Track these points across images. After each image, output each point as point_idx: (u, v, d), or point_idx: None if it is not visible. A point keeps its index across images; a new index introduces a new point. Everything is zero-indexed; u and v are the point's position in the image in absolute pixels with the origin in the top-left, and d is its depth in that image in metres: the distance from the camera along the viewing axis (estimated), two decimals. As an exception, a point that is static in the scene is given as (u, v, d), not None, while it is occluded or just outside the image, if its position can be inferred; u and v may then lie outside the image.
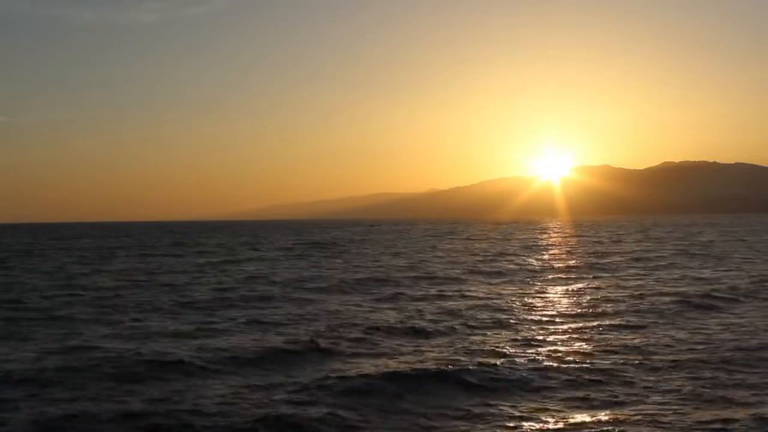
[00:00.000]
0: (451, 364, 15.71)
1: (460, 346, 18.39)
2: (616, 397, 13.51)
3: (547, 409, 12.83)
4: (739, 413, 12.37)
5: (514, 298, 28.20)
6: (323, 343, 18.13)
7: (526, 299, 28.00)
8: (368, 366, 16.08)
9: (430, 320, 22.23)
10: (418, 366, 15.75)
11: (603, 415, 12.33)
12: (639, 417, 12.19)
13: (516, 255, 57.11)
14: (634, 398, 13.40)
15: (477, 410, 12.83)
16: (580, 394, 13.73)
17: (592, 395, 13.62)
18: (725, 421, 11.94)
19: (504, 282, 35.04)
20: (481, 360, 16.29)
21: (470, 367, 15.36)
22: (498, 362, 16.05)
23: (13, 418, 12.52)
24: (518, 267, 44.09)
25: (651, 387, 14.14)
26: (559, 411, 12.71)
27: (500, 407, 12.98)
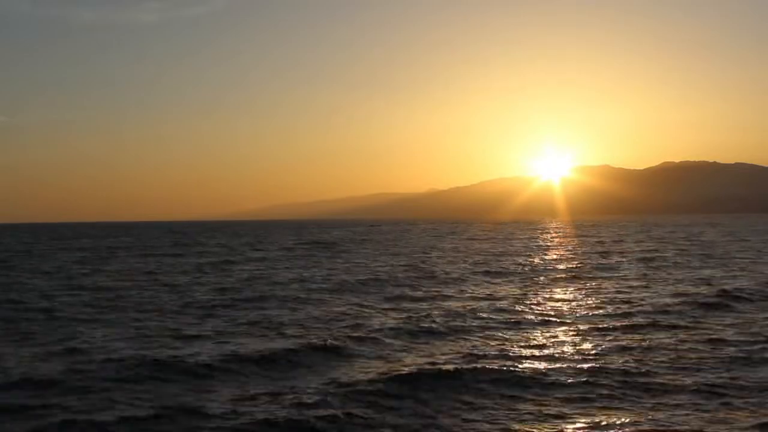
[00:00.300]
0: (457, 365, 15.54)
1: (465, 346, 18.21)
2: (621, 397, 13.35)
3: (551, 409, 12.69)
4: (741, 415, 12.26)
5: (518, 299, 28.01)
6: (329, 343, 17.91)
7: (530, 299, 27.81)
8: (375, 366, 15.90)
9: (435, 321, 22.01)
10: (425, 366, 15.58)
11: (607, 416, 12.20)
12: (644, 418, 12.05)
13: (518, 255, 56.93)
14: (639, 399, 13.24)
15: (485, 410, 12.67)
16: (585, 394, 13.58)
17: (597, 395, 13.47)
18: (728, 422, 11.82)
19: (508, 282, 34.86)
20: (487, 360, 16.14)
21: (477, 367, 15.19)
22: (504, 363, 15.89)
23: (14, 421, 12.32)
24: (521, 267, 43.91)
25: (655, 387, 13.96)
26: (564, 411, 12.58)
27: (508, 407, 12.82)
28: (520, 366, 15.65)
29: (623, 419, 11.98)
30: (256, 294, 29.64)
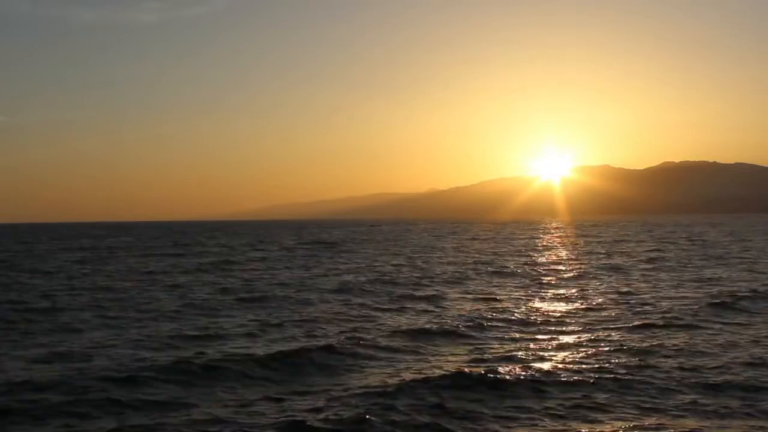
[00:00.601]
0: (466, 366, 15.28)
1: (472, 347, 17.92)
2: (627, 398, 13.09)
3: (558, 410, 12.43)
4: (742, 414, 12.13)
5: (524, 299, 27.71)
6: (334, 345, 17.53)
7: (536, 300, 27.50)
8: (382, 369, 15.61)
9: (442, 322, 21.72)
10: (434, 369, 15.35)
11: (612, 417, 11.99)
12: (648, 419, 11.85)
13: (522, 255, 56.68)
14: (645, 400, 12.99)
15: (493, 410, 12.41)
16: (590, 393, 13.36)
17: (602, 396, 13.20)
18: (731, 424, 11.67)
19: (512, 283, 34.52)
20: (494, 362, 15.87)
21: (486, 369, 14.91)
22: (511, 364, 15.62)
23: (14, 424, 12.07)
24: (526, 267, 43.54)
25: (661, 388, 13.70)
26: (570, 412, 12.34)
27: (516, 408, 12.55)
28: (527, 367, 15.36)
29: (628, 421, 11.77)
30: (259, 295, 29.30)
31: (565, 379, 14.40)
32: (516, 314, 23.43)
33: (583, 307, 25.18)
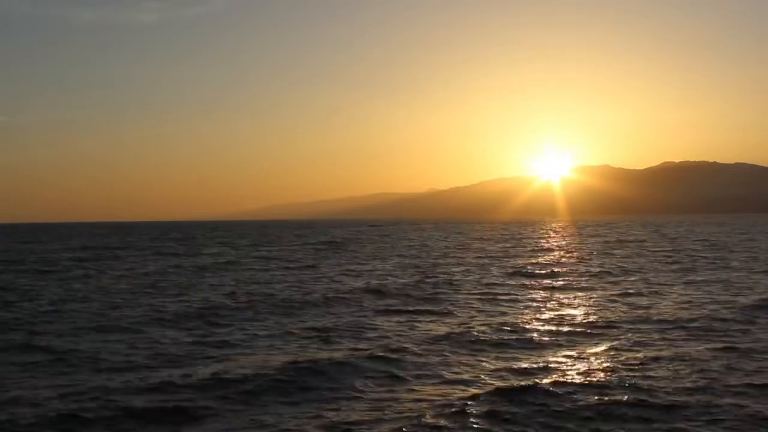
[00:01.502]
0: (498, 374, 14.38)
1: (500, 354, 16.90)
2: (662, 405, 12.27)
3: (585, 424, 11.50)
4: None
5: (551, 302, 26.63)
6: (355, 356, 16.32)
7: (564, 305, 26.17)
8: (407, 379, 14.56)
9: (466, 327, 20.69)
10: (466, 377, 14.41)
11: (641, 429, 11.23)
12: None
13: (535, 256, 55.85)
14: (672, 416, 12.03)
15: (526, 420, 11.49)
16: (613, 407, 12.39)
17: (623, 408, 12.25)
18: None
19: (534, 285, 33.34)
20: (525, 369, 14.91)
21: (521, 376, 13.98)
22: (547, 372, 14.68)
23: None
24: (544, 269, 42.35)
25: (693, 402, 12.70)
26: (609, 421, 11.48)
27: (557, 419, 11.62)
28: (559, 374, 14.44)
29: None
30: (268, 298, 28.18)
31: (598, 385, 13.61)
32: (542, 318, 22.41)
33: (606, 310, 24.19)
